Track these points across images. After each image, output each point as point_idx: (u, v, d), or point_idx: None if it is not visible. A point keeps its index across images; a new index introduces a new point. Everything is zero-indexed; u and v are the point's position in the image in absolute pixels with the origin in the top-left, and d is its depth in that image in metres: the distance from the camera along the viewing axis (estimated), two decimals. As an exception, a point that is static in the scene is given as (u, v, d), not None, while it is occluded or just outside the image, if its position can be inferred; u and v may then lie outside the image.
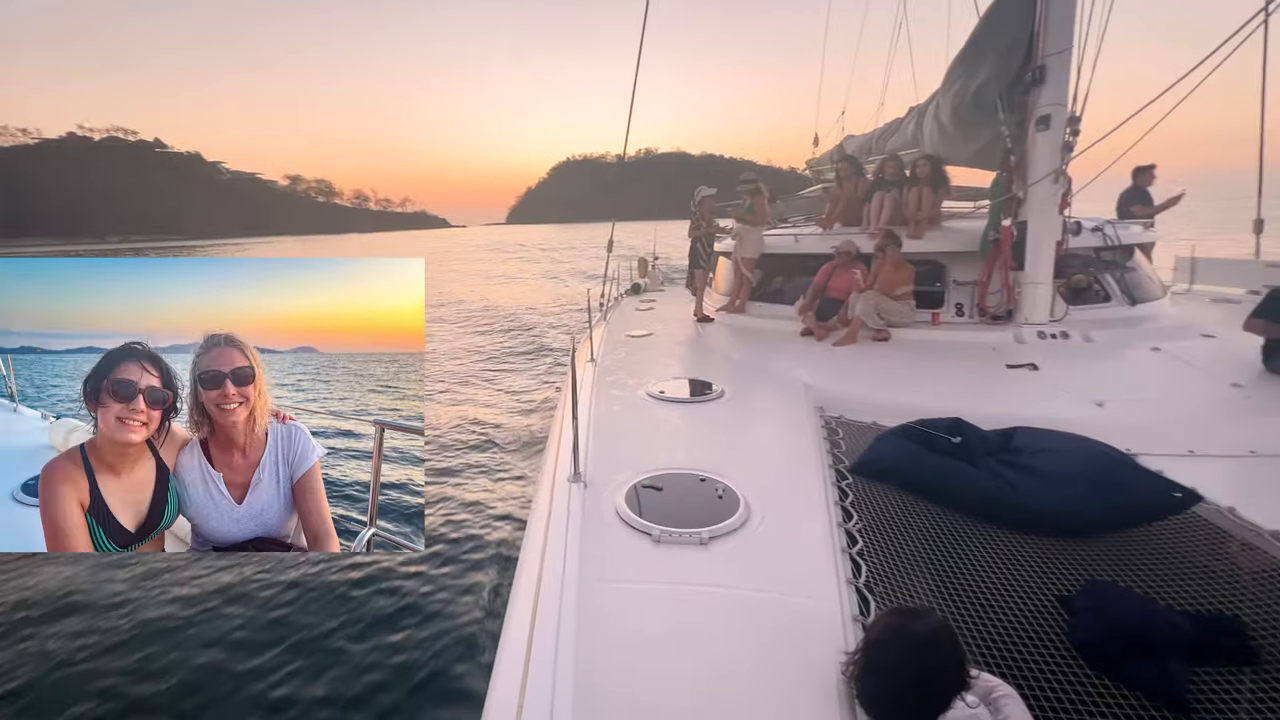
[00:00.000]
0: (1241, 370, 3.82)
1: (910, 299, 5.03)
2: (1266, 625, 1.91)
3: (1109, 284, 5.16)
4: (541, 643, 1.57)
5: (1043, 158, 4.66)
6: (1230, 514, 2.53)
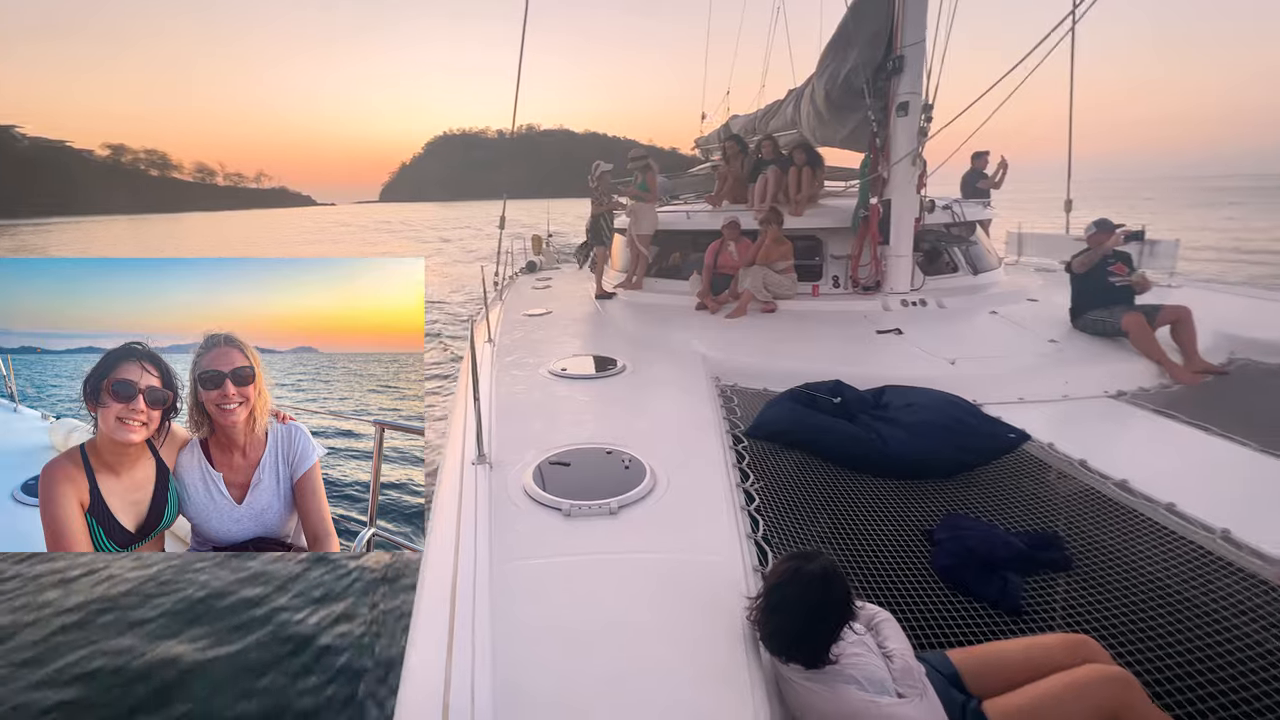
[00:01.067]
0: (1056, 328, 4.51)
1: (793, 273, 5.38)
2: (1078, 537, 2.32)
3: (957, 256, 5.85)
4: (456, 629, 1.55)
5: (902, 141, 5.14)
6: (1050, 449, 3.02)
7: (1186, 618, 1.87)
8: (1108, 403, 3.64)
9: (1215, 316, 4.39)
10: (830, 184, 6.73)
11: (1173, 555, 2.19)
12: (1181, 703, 1.59)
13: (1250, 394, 3.69)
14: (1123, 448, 3.04)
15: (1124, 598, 1.98)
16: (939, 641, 1.82)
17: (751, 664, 1.47)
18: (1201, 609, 1.90)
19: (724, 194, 6.67)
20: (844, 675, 1.33)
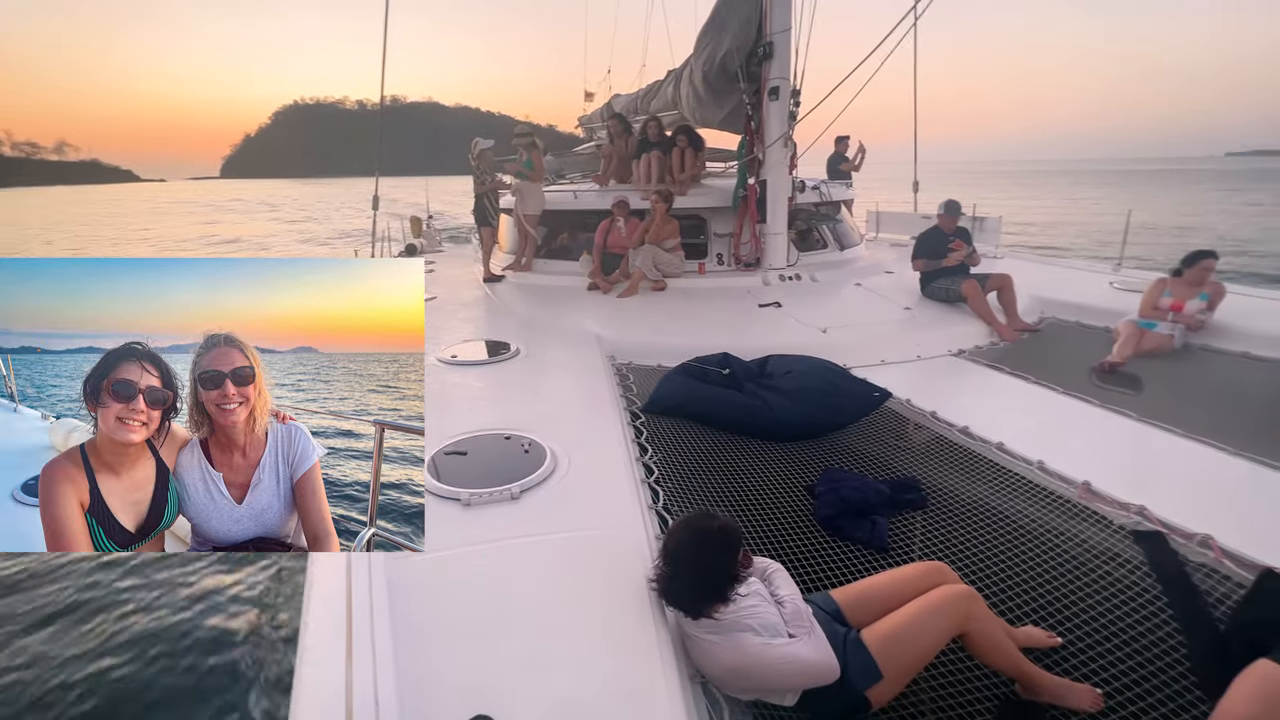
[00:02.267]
0: (909, 297, 5.06)
1: (680, 252, 5.54)
2: (931, 479, 2.65)
3: (825, 233, 6.33)
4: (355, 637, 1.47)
5: (774, 124, 5.43)
6: (908, 404, 3.41)
7: (1017, 538, 2.23)
8: (951, 360, 4.17)
9: (1030, 282, 5.13)
10: (711, 165, 6.97)
11: (1003, 487, 2.58)
12: (1013, 607, 1.91)
13: (1056, 346, 4.40)
14: (963, 399, 3.49)
15: (968, 526, 2.32)
16: (823, 583, 2.02)
17: (659, 627, 1.54)
18: (1026, 529, 2.27)
19: (610, 173, 6.68)
20: (741, 625, 1.44)
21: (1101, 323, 4.51)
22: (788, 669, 1.41)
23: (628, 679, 1.40)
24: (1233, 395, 3.46)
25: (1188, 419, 3.00)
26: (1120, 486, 2.43)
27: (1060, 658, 1.74)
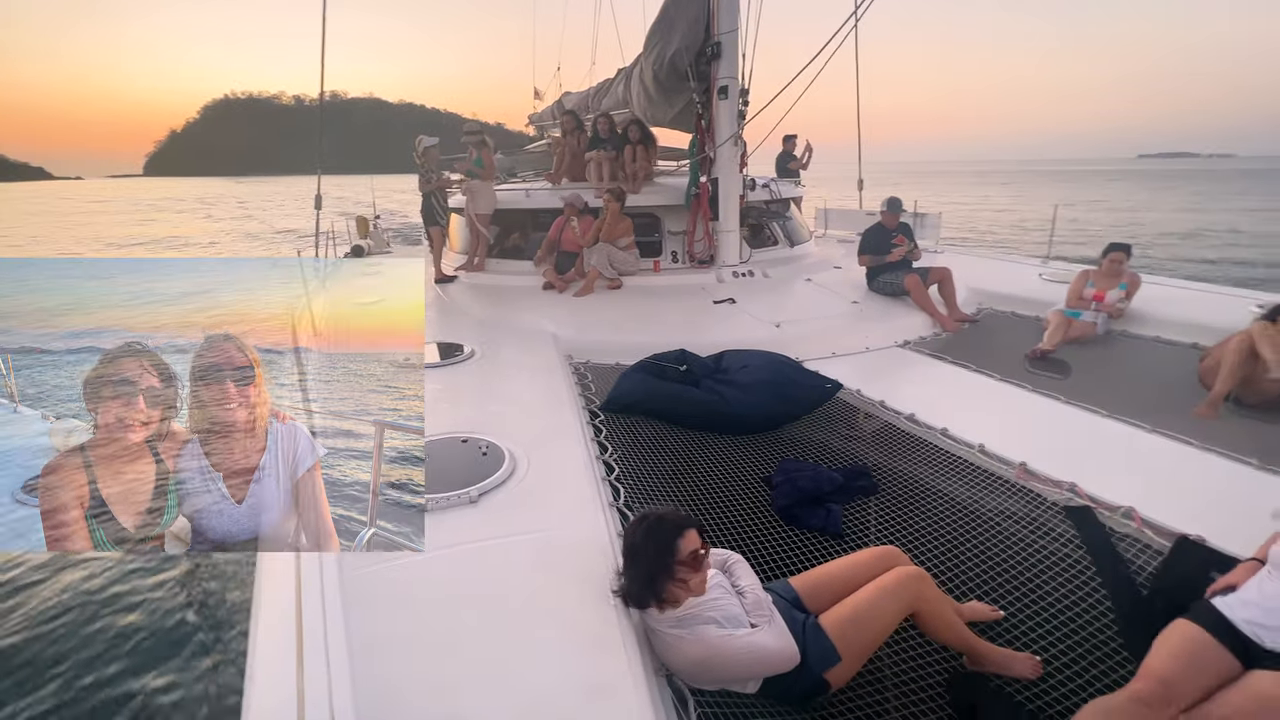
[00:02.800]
0: (857, 291, 5.23)
1: (635, 250, 5.56)
2: (881, 465, 2.76)
3: (776, 231, 6.46)
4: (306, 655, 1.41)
5: (724, 123, 5.51)
6: (858, 394, 3.52)
7: (961, 518, 2.34)
8: (897, 351, 4.33)
9: (967, 276, 5.38)
10: (663, 163, 7.01)
11: (948, 470, 2.70)
12: (959, 584, 2.00)
13: (993, 336, 4.64)
14: (909, 387, 3.64)
15: (916, 509, 2.42)
16: (782, 571, 2.07)
17: (622, 624, 1.55)
18: (970, 510, 2.39)
19: (563, 171, 6.63)
20: (704, 617, 1.47)
21: (1033, 312, 4.78)
22: (750, 658, 1.44)
23: (593, 677, 1.40)
24: (1148, 377, 3.73)
25: (1110, 400, 3.22)
26: (1053, 465, 2.59)
27: (1003, 629, 1.85)
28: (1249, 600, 1.61)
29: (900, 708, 1.58)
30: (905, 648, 1.77)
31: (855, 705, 1.59)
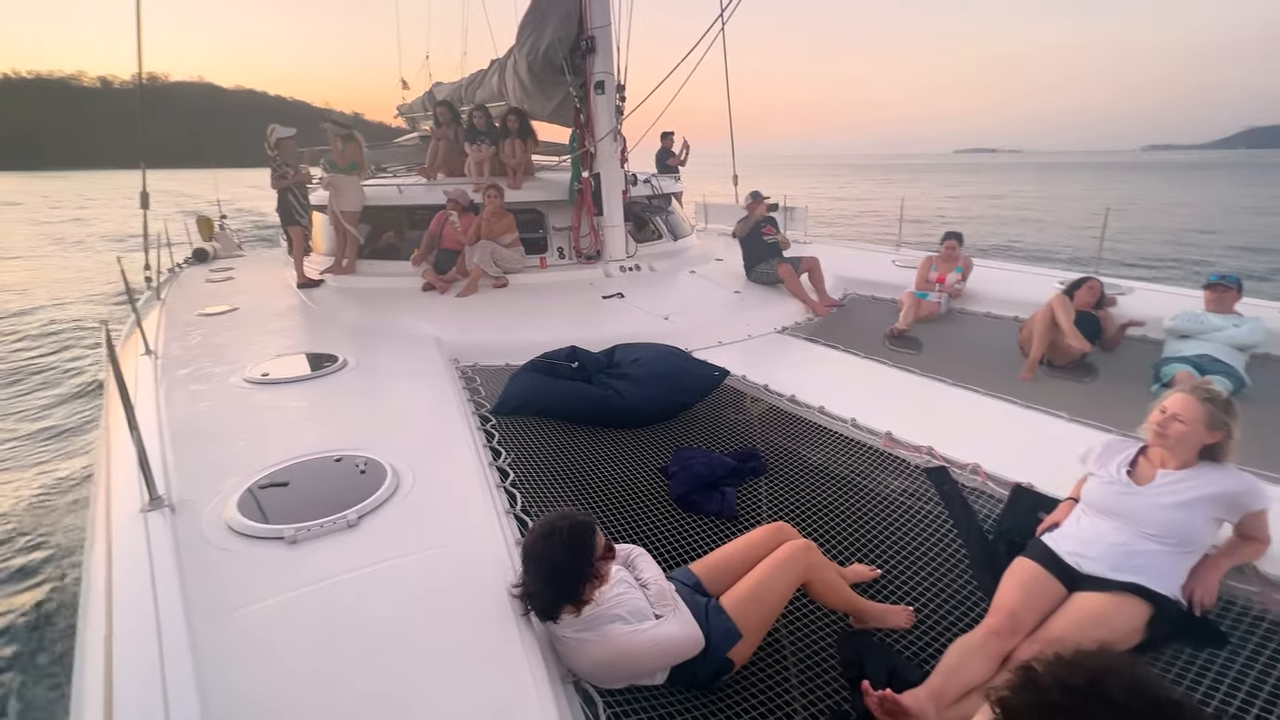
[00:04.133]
0: (738, 281, 5.49)
1: (520, 246, 5.41)
2: (769, 446, 2.91)
3: (660, 225, 6.61)
4: None
5: (603, 118, 5.51)
6: (744, 380, 3.70)
7: (840, 488, 2.53)
8: (776, 337, 4.60)
9: (833, 264, 5.84)
10: (545, 158, 6.89)
11: (827, 445, 2.91)
12: (842, 549, 2.17)
13: (858, 318, 5.07)
14: (789, 370, 3.88)
15: (802, 484, 2.58)
16: (684, 558, 2.11)
17: (524, 635, 1.49)
18: (846, 479, 2.59)
19: (438, 165, 6.29)
20: (608, 617, 1.45)
21: (889, 295, 5.29)
22: (658, 650, 1.45)
23: (495, 698, 1.34)
24: (983, 348, 4.27)
25: (955, 370, 3.65)
26: (913, 432, 2.88)
27: (881, 585, 2.02)
28: (1069, 534, 1.89)
29: (798, 674, 1.67)
30: (797, 616, 1.89)
31: (757, 679, 1.66)
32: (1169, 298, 4.27)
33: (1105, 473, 1.94)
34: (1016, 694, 0.71)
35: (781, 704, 1.58)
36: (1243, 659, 1.62)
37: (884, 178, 63.43)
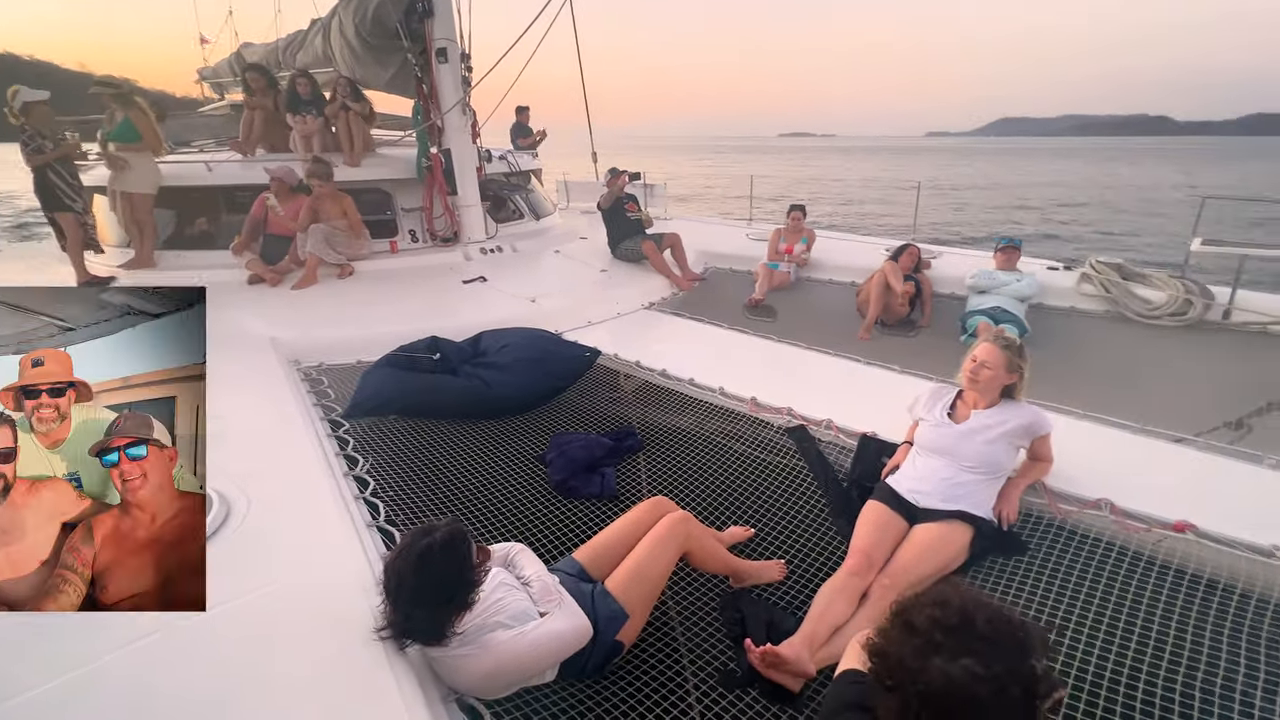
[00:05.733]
0: (603, 259, 5.48)
1: (364, 229, 4.92)
2: (644, 422, 2.95)
3: (520, 204, 6.37)
4: None
5: (448, 89, 5.14)
6: (616, 358, 3.70)
7: (713, 455, 2.64)
8: (644, 313, 4.67)
9: (693, 239, 6.03)
10: (386, 132, 6.30)
11: (698, 414, 3.01)
12: (717, 514, 2.26)
13: (719, 290, 5.31)
14: (658, 345, 3.96)
15: (678, 456, 2.65)
16: (569, 546, 2.07)
17: (394, 661, 1.35)
18: (718, 446, 2.71)
19: (255, 139, 5.49)
20: (489, 626, 1.37)
21: (745, 267, 5.58)
22: (546, 648, 1.39)
23: None
24: (828, 312, 4.69)
25: (805, 334, 3.95)
26: (774, 395, 3.07)
27: (756, 543, 2.14)
28: (907, 474, 2.13)
29: (686, 642, 1.72)
30: (681, 586, 1.94)
31: (647, 655, 1.68)
32: (970, 259, 4.95)
33: (932, 417, 2.21)
34: (896, 642, 0.79)
35: (673, 674, 1.62)
36: (1039, 559, 1.94)
37: (727, 159, 67.37)
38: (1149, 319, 3.83)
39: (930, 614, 0.82)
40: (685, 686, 1.58)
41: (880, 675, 0.84)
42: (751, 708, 1.53)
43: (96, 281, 4.41)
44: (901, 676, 0.80)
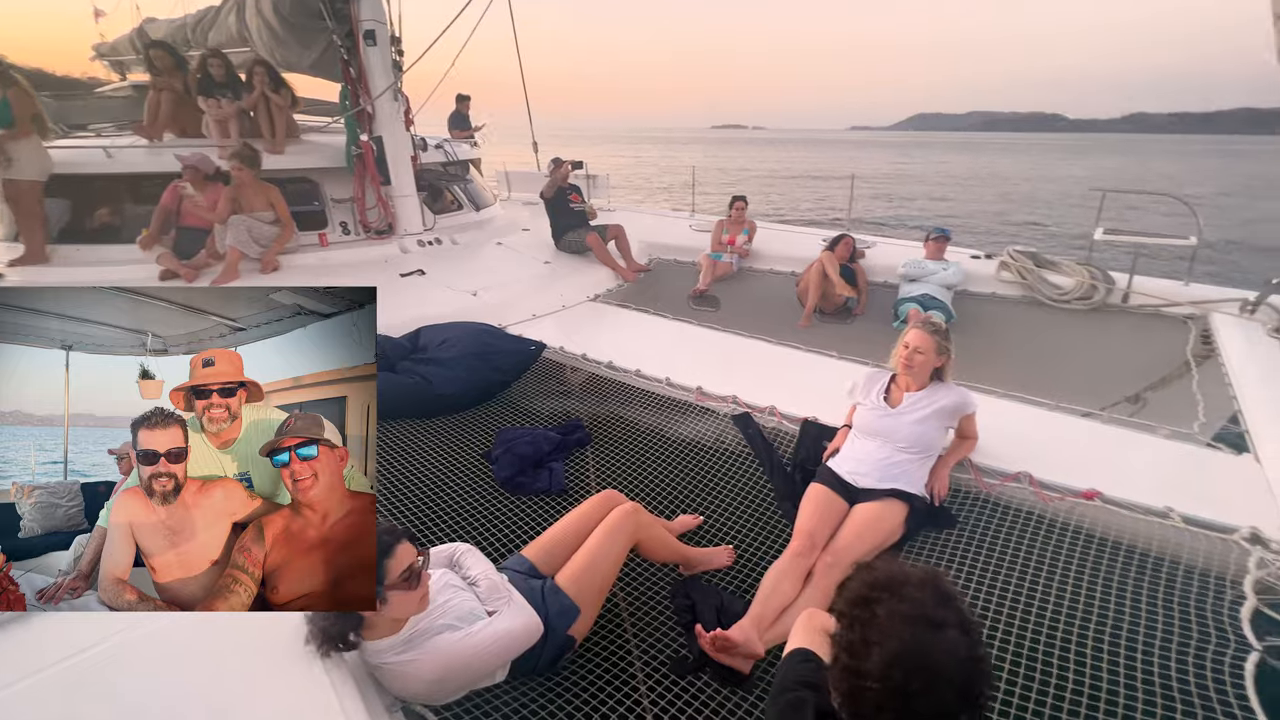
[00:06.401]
0: (547, 251, 5.40)
1: (289, 221, 4.64)
2: (592, 415, 2.93)
3: (459, 194, 6.17)
4: None
5: (377, 73, 4.90)
6: (562, 351, 3.67)
7: (661, 445, 2.66)
8: (590, 305, 4.64)
9: (637, 230, 6.03)
10: (311, 118, 5.96)
11: (646, 405, 3.03)
12: (666, 503, 2.28)
13: (664, 281, 5.34)
14: (605, 337, 3.94)
15: (626, 447, 2.65)
16: (517, 544, 2.04)
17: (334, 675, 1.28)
18: (666, 436, 2.73)
19: (163, 124, 5.07)
20: (435, 628, 1.33)
21: (689, 258, 5.63)
22: (496, 648, 1.37)
23: None
24: (770, 301, 4.80)
25: (748, 323, 4.03)
26: (719, 384, 3.12)
27: (705, 530, 2.18)
28: (846, 456, 2.21)
29: (636, 633, 1.73)
30: (632, 577, 1.95)
31: (599, 648, 1.68)
32: (902, 249, 5.18)
33: (868, 401, 2.30)
34: (859, 622, 0.85)
35: (625, 665, 1.63)
36: (968, 531, 2.06)
37: (662, 149, 67.96)
38: (1059, 303, 4.12)
39: (887, 588, 0.87)
40: (637, 677, 1.59)
41: (851, 645, 0.86)
42: (704, 692, 1.56)
43: (-21, 280, 3.98)
44: (874, 639, 0.83)
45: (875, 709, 0.82)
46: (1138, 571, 1.82)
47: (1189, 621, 1.61)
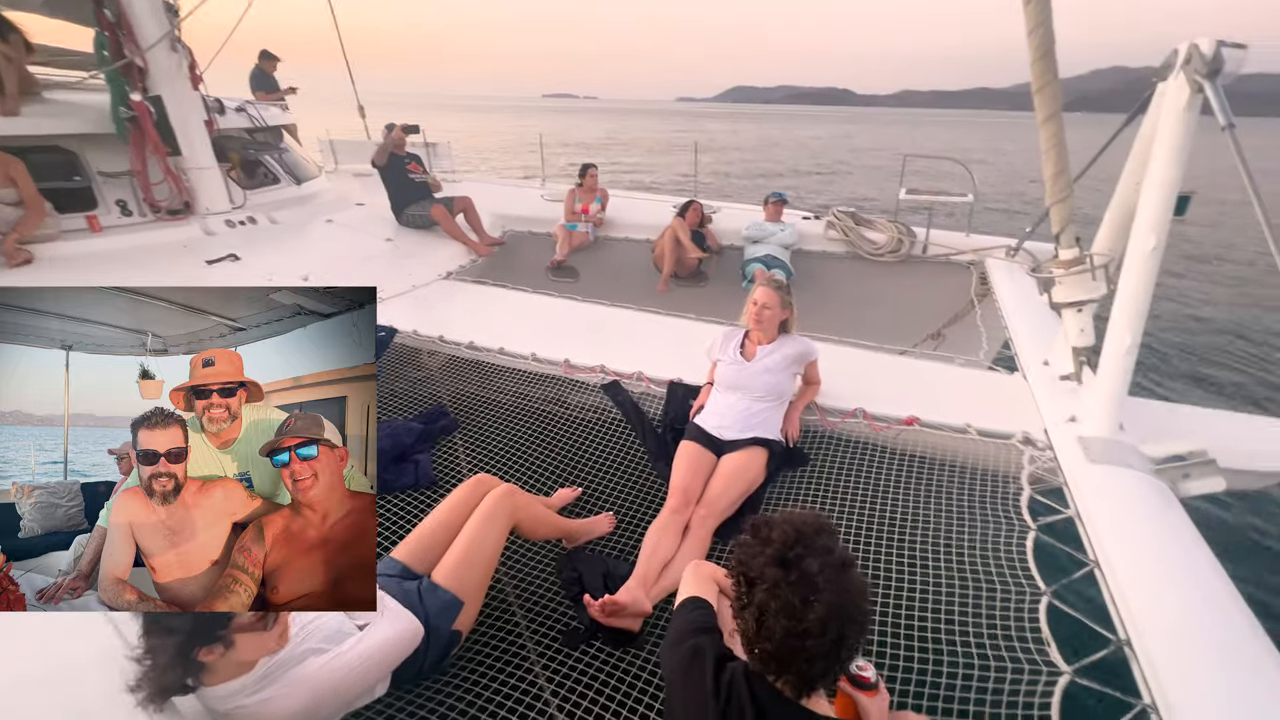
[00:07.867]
0: (387, 227, 4.96)
1: (38, 201, 3.74)
2: (455, 398, 2.79)
3: (274, 166, 5.40)
4: None
5: (145, 18, 4.06)
6: (416, 334, 3.42)
7: (532, 421, 2.61)
8: (443, 283, 4.37)
9: (487, 202, 5.75)
10: (56, 71, 4.81)
11: (513, 382, 2.94)
12: (543, 480, 2.26)
13: (519, 254, 5.18)
14: (462, 316, 3.75)
15: (494, 428, 2.57)
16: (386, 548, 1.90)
17: None
18: (535, 411, 2.69)
19: None
20: (295, 657, 1.19)
21: (543, 229, 5.51)
22: (371, 662, 1.26)
23: None
24: (627, 269, 4.88)
25: (608, 291, 4.07)
26: (585, 354, 3.12)
27: (583, 501, 2.20)
28: (711, 411, 2.34)
29: (525, 614, 1.71)
30: (515, 559, 1.92)
31: (488, 637, 1.64)
32: (744, 213, 5.51)
33: (726, 356, 2.44)
34: (788, 584, 0.89)
35: (515, 650, 1.61)
36: (819, 466, 2.30)
37: (498, 117, 65.57)
38: (875, 257, 4.68)
39: (783, 530, 0.95)
40: (531, 658, 1.58)
41: (789, 607, 0.89)
42: (598, 658, 1.59)
43: None
44: (812, 596, 0.88)
45: (808, 660, 0.88)
46: (949, 479, 2.16)
47: (988, 513, 1.95)
